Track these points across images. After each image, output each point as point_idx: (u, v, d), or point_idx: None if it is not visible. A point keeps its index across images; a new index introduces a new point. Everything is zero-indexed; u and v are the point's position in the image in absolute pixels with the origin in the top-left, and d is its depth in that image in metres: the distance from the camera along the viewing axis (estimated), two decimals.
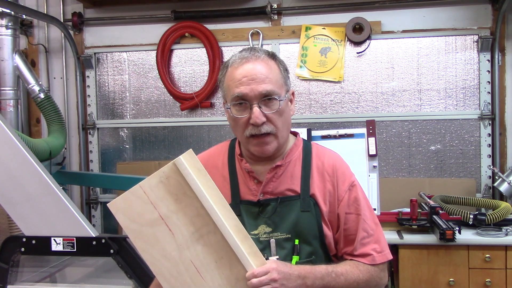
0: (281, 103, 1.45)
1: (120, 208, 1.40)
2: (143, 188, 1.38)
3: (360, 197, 1.53)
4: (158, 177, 1.37)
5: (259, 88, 1.42)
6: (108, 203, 1.42)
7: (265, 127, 1.44)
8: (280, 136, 1.48)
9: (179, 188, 1.36)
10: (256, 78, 1.43)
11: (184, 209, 1.36)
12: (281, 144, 1.51)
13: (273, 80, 1.45)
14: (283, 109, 1.46)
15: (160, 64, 3.67)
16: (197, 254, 1.36)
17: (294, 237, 1.48)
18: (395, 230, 2.95)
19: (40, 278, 2.31)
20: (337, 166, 1.54)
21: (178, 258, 1.37)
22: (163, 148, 3.81)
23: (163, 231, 1.37)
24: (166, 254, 1.37)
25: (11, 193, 2.09)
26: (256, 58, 1.46)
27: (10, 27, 3.23)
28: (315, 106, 3.61)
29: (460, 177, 3.46)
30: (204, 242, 1.36)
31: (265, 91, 1.42)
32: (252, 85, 1.42)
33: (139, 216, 1.38)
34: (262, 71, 1.44)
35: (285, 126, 1.49)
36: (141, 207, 1.38)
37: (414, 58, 3.50)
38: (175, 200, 1.36)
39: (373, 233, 1.52)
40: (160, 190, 1.37)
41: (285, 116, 1.48)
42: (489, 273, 2.74)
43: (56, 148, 3.03)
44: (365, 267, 1.48)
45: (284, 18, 3.63)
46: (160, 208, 1.37)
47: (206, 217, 1.35)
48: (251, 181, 1.53)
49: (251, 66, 1.44)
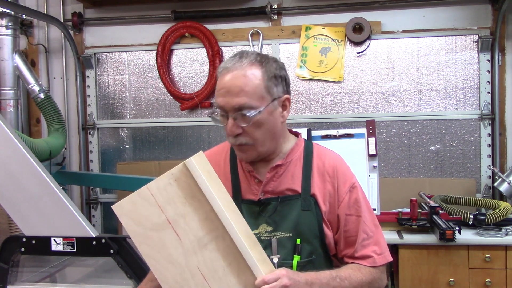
0: (256, 116, 1.42)
1: (125, 210, 1.35)
2: (150, 190, 1.33)
3: (361, 199, 1.53)
4: (166, 179, 1.32)
5: (232, 101, 1.41)
6: (113, 204, 1.37)
7: (240, 138, 1.44)
8: (259, 145, 1.46)
9: (188, 191, 1.32)
10: (231, 91, 1.41)
11: (192, 213, 1.32)
12: (264, 152, 1.49)
13: (250, 93, 1.41)
14: (260, 121, 1.43)
15: (160, 64, 3.67)
16: (204, 260, 1.32)
17: (294, 236, 1.48)
18: (395, 230, 2.95)
19: (40, 278, 2.31)
20: (338, 167, 1.54)
21: (184, 264, 1.32)
22: (163, 148, 3.81)
23: (170, 235, 1.33)
24: (172, 259, 1.33)
25: (11, 193, 2.09)
26: (236, 68, 1.42)
27: (10, 27, 3.23)
28: (315, 106, 3.61)
29: (460, 177, 3.46)
30: (212, 247, 1.32)
31: (238, 105, 1.40)
32: (227, 98, 1.41)
33: (145, 219, 1.34)
34: (238, 83, 1.41)
35: (267, 136, 1.47)
36: (147, 210, 1.33)
37: (414, 58, 3.50)
38: (183, 203, 1.32)
39: (372, 235, 1.52)
40: (168, 192, 1.32)
41: (266, 127, 1.45)
42: (489, 273, 2.74)
43: (56, 148, 3.03)
44: (367, 269, 1.49)
45: (284, 18, 3.63)
46: (167, 211, 1.32)
47: (215, 221, 1.31)
48: (252, 180, 1.54)
49: (229, 78, 1.42)
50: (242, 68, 1.43)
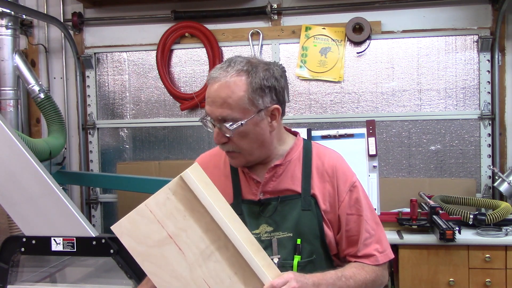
0: (239, 128, 1.41)
1: (125, 230, 1.33)
2: (149, 207, 1.31)
3: (362, 198, 1.53)
4: (164, 194, 1.31)
5: (216, 112, 1.42)
6: (112, 226, 1.34)
7: (226, 146, 1.46)
8: (246, 154, 1.47)
9: (187, 203, 1.30)
10: (215, 102, 1.42)
11: (193, 225, 1.31)
12: (253, 160, 1.50)
13: (232, 105, 1.40)
14: (244, 132, 1.43)
15: (160, 64, 3.67)
16: (209, 272, 1.31)
17: (295, 236, 1.48)
18: (395, 230, 2.95)
19: (40, 278, 2.31)
20: (338, 167, 1.54)
21: (189, 278, 1.31)
22: (163, 148, 3.81)
23: (173, 250, 1.31)
24: (176, 275, 1.31)
25: (11, 193, 2.09)
26: (223, 77, 1.42)
27: (10, 27, 3.23)
28: (315, 106, 3.61)
29: (460, 177, 3.46)
30: (216, 258, 1.31)
31: (220, 116, 1.42)
32: (212, 107, 1.43)
33: (146, 237, 1.32)
34: (222, 94, 1.41)
35: (254, 146, 1.46)
36: (148, 227, 1.31)
37: (414, 58, 3.50)
38: (184, 216, 1.30)
39: (374, 233, 1.52)
40: (167, 207, 1.31)
41: (251, 137, 1.45)
42: (489, 273, 2.74)
43: (56, 148, 3.03)
44: (370, 267, 1.50)
45: (284, 18, 3.63)
46: (168, 226, 1.31)
47: (216, 232, 1.30)
48: (251, 180, 1.54)
49: (215, 88, 1.43)
50: (227, 78, 1.42)
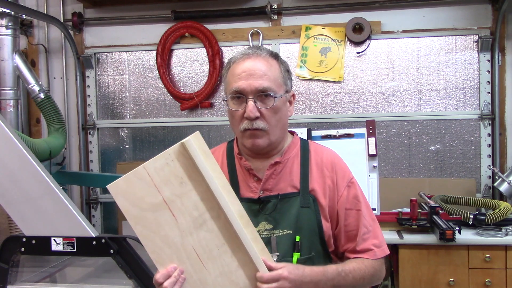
0: (276, 100, 1.47)
1: (121, 190, 1.32)
2: (147, 170, 1.32)
3: (359, 193, 1.57)
4: (163, 159, 1.32)
5: (256, 83, 1.45)
6: (108, 184, 1.33)
7: (258, 122, 1.47)
8: (272, 133, 1.49)
9: (185, 171, 1.31)
10: (255, 74, 1.46)
11: (188, 193, 1.32)
12: (273, 142, 1.52)
13: (271, 78, 1.47)
14: (278, 107, 1.48)
15: (160, 64, 3.67)
16: (199, 241, 1.32)
17: (294, 233, 1.50)
18: (395, 230, 2.95)
19: (40, 278, 2.31)
20: (336, 162, 1.58)
21: (180, 244, 1.32)
22: (163, 148, 3.72)
23: (166, 216, 1.32)
24: (168, 240, 1.32)
25: (11, 193, 2.09)
26: (258, 55, 1.49)
27: (10, 27, 3.23)
28: (315, 106, 3.61)
29: (460, 177, 3.46)
30: (207, 227, 1.32)
31: (261, 87, 1.45)
32: (249, 80, 1.45)
33: (141, 200, 1.32)
34: (261, 67, 1.47)
35: (279, 125, 1.51)
36: (144, 190, 1.32)
37: (414, 58, 3.50)
38: (180, 183, 1.31)
39: (371, 229, 1.56)
40: (165, 172, 1.31)
41: (280, 115, 1.50)
42: (489, 273, 2.74)
43: (56, 148, 3.03)
44: (369, 262, 1.52)
45: (284, 18, 3.63)
46: (164, 191, 1.32)
47: (211, 201, 1.31)
48: (251, 178, 1.55)
49: (251, 63, 1.48)
50: (263, 56, 1.50)
